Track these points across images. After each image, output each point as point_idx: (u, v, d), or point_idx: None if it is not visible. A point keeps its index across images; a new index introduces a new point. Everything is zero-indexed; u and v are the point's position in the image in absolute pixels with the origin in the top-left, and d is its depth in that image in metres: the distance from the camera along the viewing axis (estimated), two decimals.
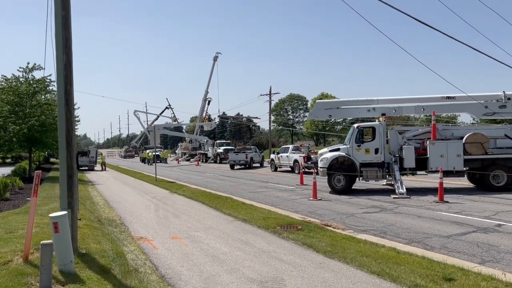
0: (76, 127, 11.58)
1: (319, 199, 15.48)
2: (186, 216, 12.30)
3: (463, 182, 18.88)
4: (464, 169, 17.01)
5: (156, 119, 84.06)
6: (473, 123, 35.14)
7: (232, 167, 38.44)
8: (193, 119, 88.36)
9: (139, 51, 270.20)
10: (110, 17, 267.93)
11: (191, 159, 58.54)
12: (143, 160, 61.04)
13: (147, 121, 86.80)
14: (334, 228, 10.12)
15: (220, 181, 25.25)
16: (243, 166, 38.91)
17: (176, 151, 73.22)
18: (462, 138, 16.95)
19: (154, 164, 29.86)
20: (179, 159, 61.73)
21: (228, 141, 66.21)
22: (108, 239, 8.81)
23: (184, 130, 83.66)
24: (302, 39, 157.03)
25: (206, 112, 67.30)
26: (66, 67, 7.50)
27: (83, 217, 10.77)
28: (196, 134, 65.65)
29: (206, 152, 56.79)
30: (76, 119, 30.22)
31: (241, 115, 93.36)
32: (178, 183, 23.90)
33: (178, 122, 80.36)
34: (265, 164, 41.25)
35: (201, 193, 17.97)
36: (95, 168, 41.90)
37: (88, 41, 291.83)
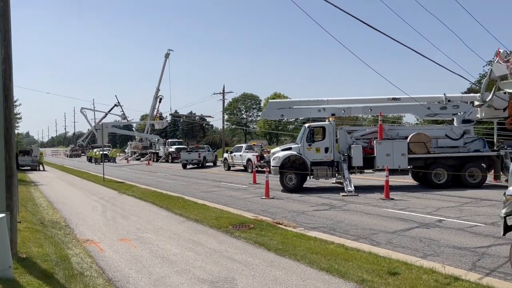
0: (16, 124, 10.93)
1: (272, 198, 15.63)
2: (136, 217, 11.98)
3: (408, 180, 19.78)
4: (409, 167, 17.83)
5: (104, 117, 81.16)
6: (417, 124, 37.04)
7: (184, 166, 37.93)
8: (143, 117, 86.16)
9: (87, 45, 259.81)
10: (54, 9, 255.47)
11: (142, 159, 57.12)
12: (90, 159, 58.83)
13: (94, 119, 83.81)
14: (286, 226, 10.24)
15: (172, 181, 24.83)
16: (195, 166, 38.51)
17: (126, 150, 71.11)
18: (406, 137, 17.75)
19: (102, 163, 28.80)
20: (129, 159, 60.04)
21: (181, 140, 65.20)
22: (51, 242, 8.39)
23: (134, 129, 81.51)
24: (256, 38, 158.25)
25: (158, 110, 65.89)
26: (5, 61, 7.06)
27: (24, 219, 10.19)
28: (147, 133, 64.18)
29: (157, 151, 55.66)
30: (17, 116, 28.53)
31: (194, 114, 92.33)
32: (128, 183, 23.23)
33: (127, 120, 78.12)
34: (219, 163, 41.09)
35: (151, 193, 17.58)
36: (40, 168, 39.80)
37: (30, 34, 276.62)
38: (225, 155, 34.99)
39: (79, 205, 14.86)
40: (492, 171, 17.97)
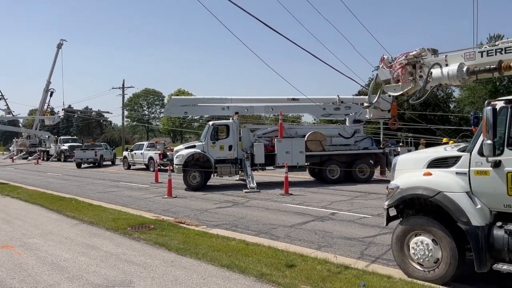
0: None
1: (174, 197, 15.33)
2: (21, 222, 10.84)
3: (305, 176, 20.85)
4: (306, 164, 18.80)
5: None
6: (314, 123, 39.20)
7: (79, 165, 35.37)
8: (32, 112, 78.49)
9: None
10: None
11: (30, 158, 51.99)
12: None
13: None
14: (188, 225, 10.11)
15: (64, 181, 22.99)
16: (92, 165, 36.19)
17: (10, 148, 64.15)
18: (304, 136, 18.69)
19: None
20: (14, 157, 54.19)
21: (75, 137, 60.60)
22: None
23: (21, 125, 73.80)
24: (161, 32, 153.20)
25: (48, 105, 60.32)
26: None
27: None
28: (36, 129, 58.53)
29: (47, 149, 50.99)
30: None
31: (91, 109, 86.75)
32: (12, 184, 20.94)
33: (13, 115, 70.35)
34: (118, 162, 39.11)
35: (40, 195, 16.06)
36: None
37: None
38: (125, 153, 33.42)
39: None
40: (379, 167, 19.78)
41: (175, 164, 17.78)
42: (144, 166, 30.26)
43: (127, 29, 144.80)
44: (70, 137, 58.57)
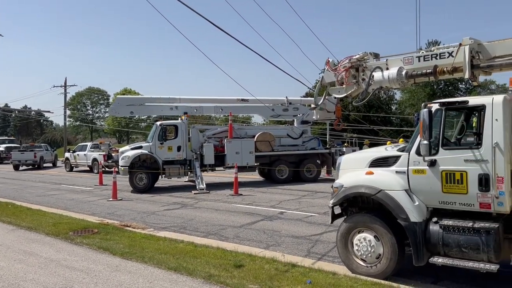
0: None
1: (120, 199, 14.86)
2: None
3: (255, 176, 20.99)
4: (256, 164, 18.93)
5: None
6: (263, 124, 39.58)
7: (16, 167, 33.28)
8: None
9: None
10: None
11: None
12: None
13: None
14: (134, 228, 9.84)
15: (0, 185, 21.57)
16: (31, 167, 34.21)
17: None
18: (254, 136, 18.82)
19: None
20: None
21: (12, 138, 57.09)
22: None
23: None
24: (106, 28, 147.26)
25: None
26: None
27: None
28: None
29: None
30: None
31: (30, 108, 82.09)
32: None
33: None
34: (59, 163, 37.28)
35: None
36: None
37: None
38: (67, 154, 31.93)
39: None
40: (325, 166, 20.34)
41: (121, 166, 17.26)
42: (88, 168, 29.14)
43: (69, 23, 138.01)
44: (6, 137, 55.07)
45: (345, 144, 22.97)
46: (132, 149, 17.99)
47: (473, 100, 5.52)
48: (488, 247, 5.04)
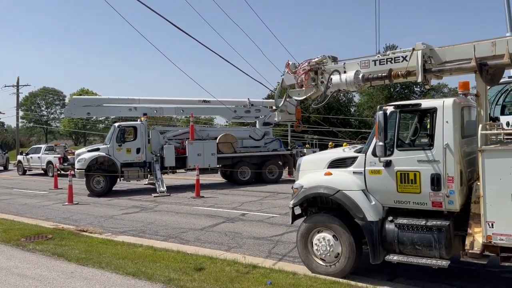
0: None
1: (76, 204, 14.36)
2: None
3: (217, 178, 20.88)
4: (218, 166, 18.84)
5: None
6: (226, 125, 39.49)
7: None
8: None
9: None
10: None
11: None
12: None
13: None
14: (91, 233, 9.54)
15: None
16: None
17: None
18: (216, 138, 18.72)
19: None
20: None
21: None
22: None
23: None
24: (60, 25, 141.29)
25: None
26: None
27: None
28: None
29: None
30: None
31: None
32: None
33: None
34: (11, 167, 35.51)
35: None
36: None
37: None
38: (20, 157, 30.53)
39: None
40: (287, 167, 20.55)
41: (77, 169, 16.71)
42: (42, 171, 27.97)
43: (22, 21, 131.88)
44: None
45: (306, 145, 23.31)
46: (89, 151, 17.46)
47: (426, 103, 5.75)
48: (440, 244, 5.26)
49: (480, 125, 5.27)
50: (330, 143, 24.94)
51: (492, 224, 4.86)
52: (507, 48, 5.23)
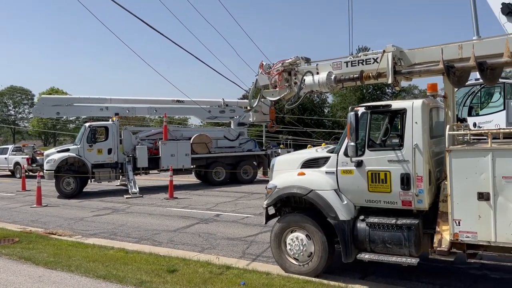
0: None
1: (45, 206, 13.97)
2: None
3: (192, 178, 20.72)
4: (192, 167, 18.70)
5: None
6: (200, 126, 39.23)
7: None
8: None
9: None
10: None
11: None
12: None
13: None
14: (60, 235, 9.31)
15: None
16: None
17: None
18: (190, 138, 18.57)
19: None
20: None
21: None
22: None
23: None
24: (30, 25, 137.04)
25: None
26: None
27: None
28: None
29: None
30: None
31: None
32: None
33: None
34: None
35: None
36: None
37: None
38: None
39: None
40: (262, 168, 20.58)
41: (46, 170, 16.26)
42: (9, 173, 27.08)
43: None
44: None
45: (281, 145, 23.44)
46: (58, 152, 17.01)
47: (396, 104, 5.87)
48: (410, 242, 5.38)
49: (448, 126, 5.41)
50: (309, 145, 25.17)
51: (459, 222, 5.01)
52: (473, 51, 5.39)
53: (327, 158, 6.13)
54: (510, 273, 6.00)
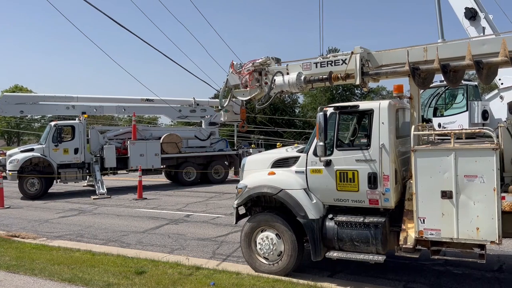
0: None
1: (7, 207, 13.46)
2: None
3: (161, 179, 20.44)
4: (162, 167, 18.44)
5: None
6: (170, 125, 38.77)
7: None
8: None
9: None
10: None
11: None
12: None
13: None
14: (24, 238, 8.98)
15: None
16: None
17: None
18: (160, 138, 18.31)
19: None
20: None
21: None
22: None
23: None
24: None
25: None
26: None
27: None
28: None
29: None
30: None
31: None
32: None
33: None
34: None
35: None
36: None
37: None
38: None
39: None
40: (233, 167, 20.54)
41: (9, 170, 15.65)
42: None
43: None
44: None
45: (252, 145, 23.45)
46: (22, 151, 16.40)
47: (363, 105, 5.98)
48: (377, 240, 5.50)
49: (413, 126, 5.57)
50: (278, 143, 25.29)
51: (424, 220, 5.16)
52: (437, 54, 5.57)
53: (297, 158, 6.18)
54: (471, 268, 6.24)
